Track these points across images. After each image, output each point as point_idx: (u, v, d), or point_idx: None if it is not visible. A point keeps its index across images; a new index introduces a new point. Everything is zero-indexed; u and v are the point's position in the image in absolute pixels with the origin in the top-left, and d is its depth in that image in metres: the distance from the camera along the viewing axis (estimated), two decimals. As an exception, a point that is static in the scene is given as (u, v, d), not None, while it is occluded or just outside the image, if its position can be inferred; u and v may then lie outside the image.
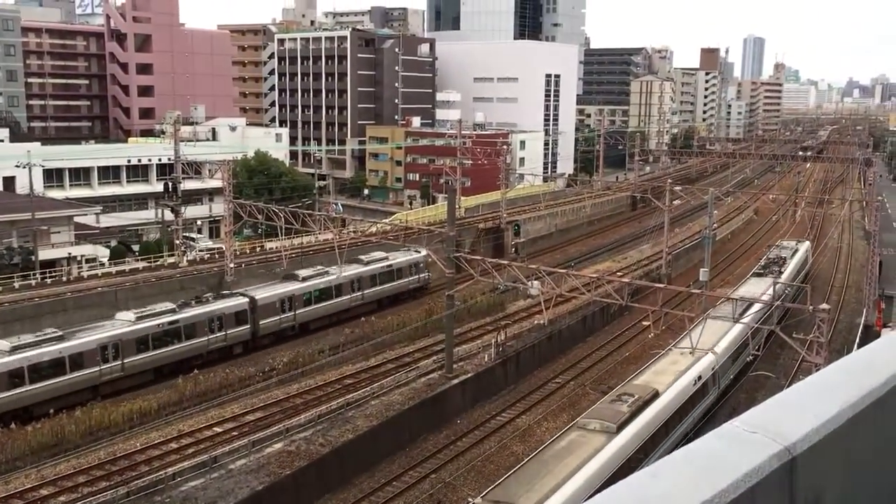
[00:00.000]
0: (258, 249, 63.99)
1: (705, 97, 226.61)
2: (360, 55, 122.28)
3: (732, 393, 37.23)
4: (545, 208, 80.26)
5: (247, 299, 44.42)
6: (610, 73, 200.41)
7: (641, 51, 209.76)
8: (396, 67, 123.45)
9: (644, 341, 46.43)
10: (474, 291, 51.14)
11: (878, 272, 56.69)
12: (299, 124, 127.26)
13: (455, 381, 37.50)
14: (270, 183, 77.68)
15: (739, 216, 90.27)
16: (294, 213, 49.96)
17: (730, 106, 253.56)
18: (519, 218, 75.29)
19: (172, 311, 40.86)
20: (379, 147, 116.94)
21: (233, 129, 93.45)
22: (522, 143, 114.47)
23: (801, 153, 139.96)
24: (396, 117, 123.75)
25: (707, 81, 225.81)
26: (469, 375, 38.41)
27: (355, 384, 37.57)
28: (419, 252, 53.68)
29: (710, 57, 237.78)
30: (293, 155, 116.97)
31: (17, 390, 33.88)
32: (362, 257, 53.32)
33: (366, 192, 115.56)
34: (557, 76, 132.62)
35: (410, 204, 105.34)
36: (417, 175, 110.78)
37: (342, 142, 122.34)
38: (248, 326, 44.16)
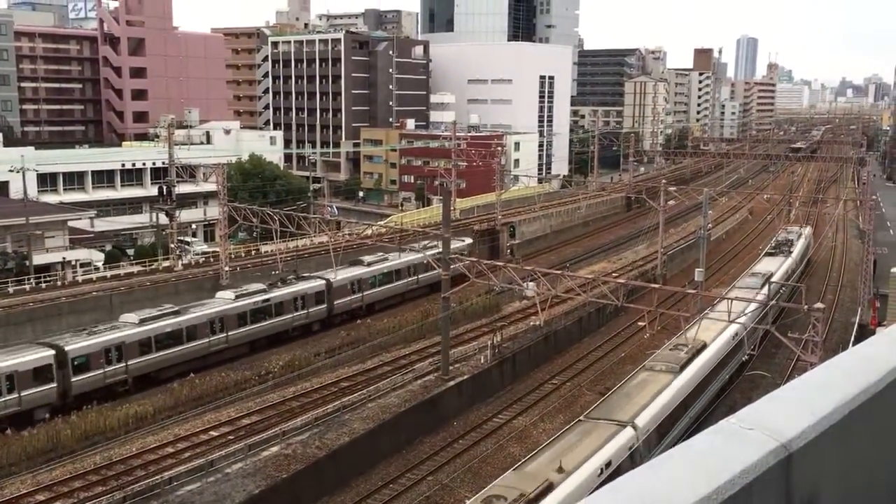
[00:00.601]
0: (253, 253, 63.90)
1: (699, 97, 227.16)
2: (353, 58, 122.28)
3: (729, 391, 37.30)
4: (540, 210, 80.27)
5: (324, 281, 48.69)
6: (604, 74, 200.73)
7: (635, 52, 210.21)
8: (390, 70, 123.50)
9: (640, 341, 46.47)
10: (470, 293, 51.14)
11: (872, 271, 56.85)
12: (293, 127, 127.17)
13: (451, 383, 37.50)
14: (265, 186, 77.61)
15: (734, 216, 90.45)
16: (289, 216, 49.90)
17: (723, 106, 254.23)
18: (514, 219, 75.28)
19: (264, 291, 44.86)
20: (373, 149, 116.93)
21: (227, 132, 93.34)
22: (517, 144, 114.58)
23: (791, 154, 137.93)
24: (391, 119, 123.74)
25: (701, 82, 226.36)
26: (465, 377, 38.41)
27: (352, 387, 37.53)
28: (465, 240, 60.80)
29: (704, 57, 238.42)
30: (287, 158, 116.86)
31: (147, 357, 38.19)
32: (415, 245, 56.43)
33: (360, 194, 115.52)
34: (551, 77, 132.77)
35: (401, 206, 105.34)
36: (412, 177, 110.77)
37: (336, 144, 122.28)
38: (325, 305, 48.45)
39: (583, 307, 49.50)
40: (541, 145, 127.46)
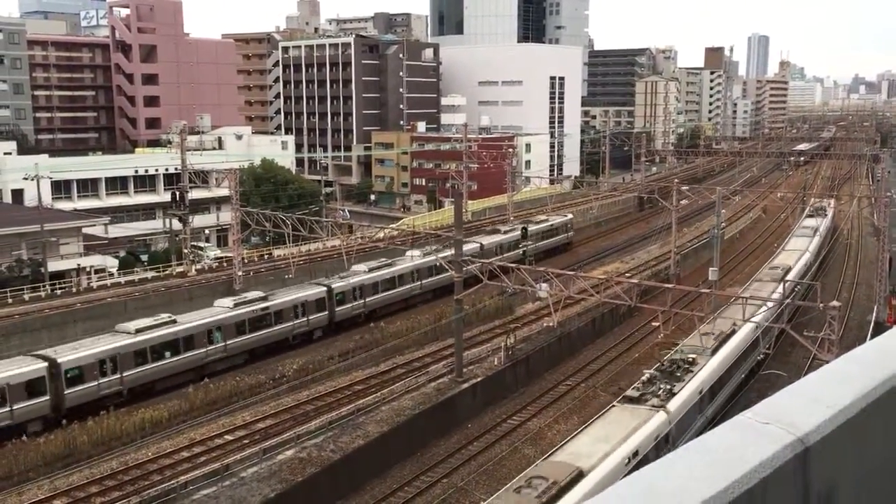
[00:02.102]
0: (266, 257, 64.13)
1: (711, 96, 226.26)
2: (364, 61, 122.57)
3: (743, 392, 37.13)
4: (552, 211, 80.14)
5: (324, 288, 49.71)
6: (614, 74, 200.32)
7: (645, 51, 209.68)
8: (401, 73, 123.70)
9: (654, 342, 46.31)
10: (482, 295, 51.16)
11: (888, 268, 56.41)
12: (305, 131, 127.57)
13: (465, 386, 37.48)
14: (277, 190, 77.85)
15: (747, 215, 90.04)
16: (301, 220, 50.02)
17: (735, 104, 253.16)
18: (526, 221, 75.14)
19: (263, 299, 45.19)
20: (384, 153, 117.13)
21: (239, 137, 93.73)
22: (528, 145, 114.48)
23: (794, 159, 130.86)
24: (401, 122, 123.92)
25: (712, 80, 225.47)
26: (479, 379, 38.40)
27: (365, 390, 37.59)
28: (567, 215, 73.60)
29: (715, 56, 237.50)
30: (299, 162, 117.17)
31: (143, 368, 38.57)
32: (531, 219, 70.47)
33: (372, 197, 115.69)
34: (562, 78, 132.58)
35: (403, 208, 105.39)
36: (423, 180, 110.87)
37: (348, 148, 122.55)
38: (326, 313, 48.71)
39: (596, 308, 49.37)
40: (552, 146, 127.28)
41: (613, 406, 27.58)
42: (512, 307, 51.29)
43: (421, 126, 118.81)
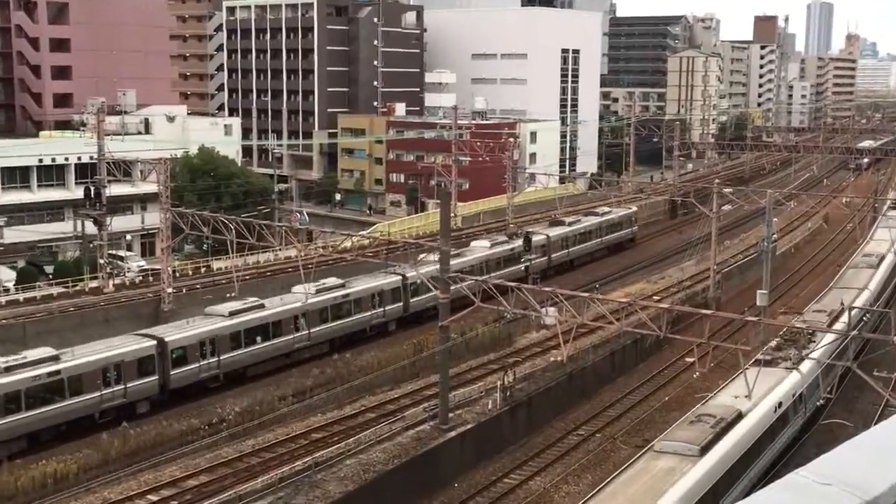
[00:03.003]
0: (203, 270, 63.85)
1: (761, 76, 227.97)
2: (329, 27, 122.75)
3: (798, 446, 37.27)
4: (563, 216, 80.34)
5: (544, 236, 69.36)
6: (642, 47, 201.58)
7: (681, 19, 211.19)
8: (375, 42, 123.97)
9: (688, 382, 46.40)
10: (475, 321, 51.11)
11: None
12: (254, 113, 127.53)
13: (451, 434, 37.40)
14: (218, 187, 77.62)
15: (805, 225, 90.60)
16: (248, 224, 49.92)
17: (791, 87, 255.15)
18: (530, 229, 75.38)
19: (342, 286, 52.98)
20: (354, 141, 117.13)
21: (171, 119, 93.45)
22: (533, 134, 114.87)
23: (852, 166, 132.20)
24: (376, 104, 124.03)
25: (762, 57, 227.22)
26: (469, 427, 38.32)
27: (326, 439, 37.44)
28: (631, 208, 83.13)
29: (766, 27, 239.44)
30: (247, 151, 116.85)
31: (325, 325, 49.78)
32: (597, 210, 79.95)
33: (338, 197, 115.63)
34: (576, 51, 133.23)
35: (369, 209, 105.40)
36: (402, 176, 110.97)
37: (308, 135, 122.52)
38: (546, 257, 68.21)
39: (616, 339, 49.33)
40: (563, 136, 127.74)
41: (747, 368, 35.76)
42: (511, 336, 51.30)
43: (400, 108, 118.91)
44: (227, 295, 53.00)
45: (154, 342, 42.48)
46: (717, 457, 28.53)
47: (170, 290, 54.08)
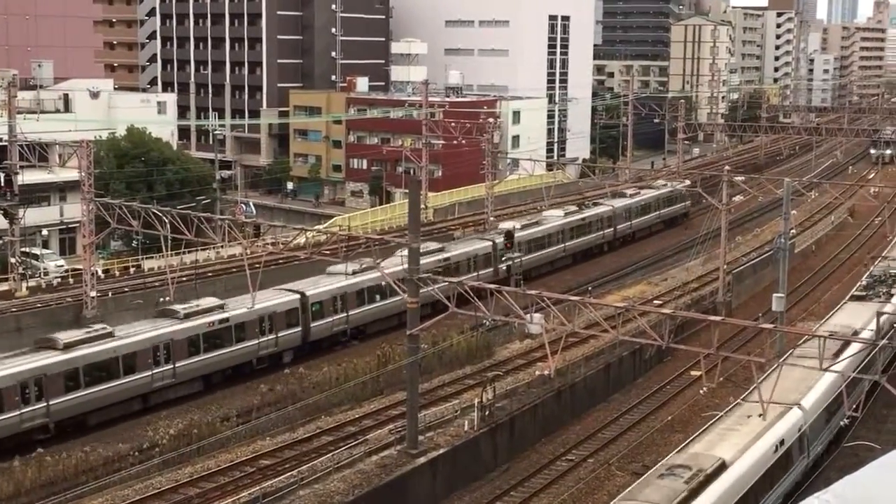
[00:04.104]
0: (133, 270, 63.49)
1: (777, 48, 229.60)
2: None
3: (820, 471, 37.59)
4: (550, 208, 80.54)
5: (609, 207, 79.57)
6: (641, 13, 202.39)
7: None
8: (333, 6, 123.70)
9: (694, 399, 46.61)
10: (449, 329, 51.11)
11: None
12: (192, 88, 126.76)
13: (421, 461, 37.39)
14: (150, 173, 77.20)
15: (828, 218, 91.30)
16: (185, 217, 49.65)
17: (812, 61, 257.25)
18: (513, 223, 75.48)
19: (536, 223, 70.53)
20: (308, 121, 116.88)
21: (94, 94, 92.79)
22: (516, 114, 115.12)
23: (874, 151, 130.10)
24: (334, 78, 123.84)
25: (779, 26, 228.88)
26: (442, 451, 38.31)
27: (276, 466, 37.32)
28: (685, 181, 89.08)
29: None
30: (184, 133, 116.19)
31: (361, 309, 55.33)
32: (653, 185, 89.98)
33: (290, 186, 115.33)
34: (566, 18, 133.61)
35: (316, 199, 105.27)
36: (365, 162, 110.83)
37: (255, 113, 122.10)
38: (612, 229, 79.23)
39: (612, 349, 49.48)
40: (551, 115, 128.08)
41: (846, 303, 48.17)
42: (490, 347, 51.32)
43: (362, 83, 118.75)
44: (161, 299, 52.67)
45: (298, 296, 51.44)
46: None
47: (93, 293, 53.69)
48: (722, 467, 29.30)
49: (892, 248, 64.53)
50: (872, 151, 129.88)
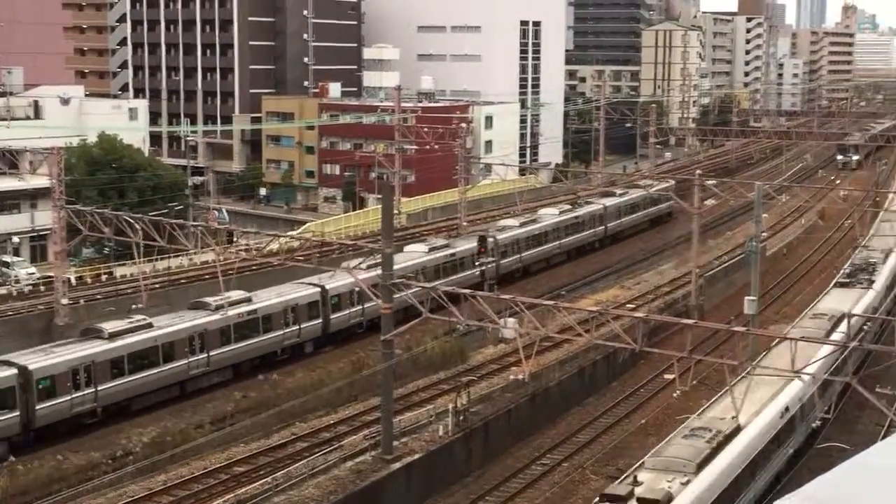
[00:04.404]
0: (105, 278, 63.13)
1: (747, 53, 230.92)
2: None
3: (792, 473, 37.80)
4: (523, 213, 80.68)
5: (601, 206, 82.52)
6: (612, 19, 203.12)
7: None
8: (305, 12, 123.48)
9: (668, 403, 46.78)
10: (423, 335, 51.10)
11: None
12: (164, 95, 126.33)
13: (396, 466, 37.35)
14: (122, 180, 76.81)
15: (798, 221, 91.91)
16: (157, 223, 49.44)
17: (781, 65, 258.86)
18: (486, 227, 75.63)
19: (533, 221, 74.56)
20: (281, 126, 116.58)
21: (65, 101, 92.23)
22: (489, 119, 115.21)
23: (841, 157, 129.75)
24: (306, 83, 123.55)
25: (749, 31, 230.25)
26: (417, 457, 38.29)
27: (250, 473, 37.20)
28: (670, 182, 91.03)
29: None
30: (155, 139, 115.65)
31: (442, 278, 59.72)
32: (639, 183, 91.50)
33: (263, 192, 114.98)
34: (537, 24, 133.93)
35: (286, 204, 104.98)
36: (338, 167, 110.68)
37: (227, 119, 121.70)
38: (603, 226, 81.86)
39: (585, 353, 49.59)
40: (523, 120, 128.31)
41: (831, 289, 52.66)
42: (465, 352, 51.34)
43: (334, 89, 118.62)
44: (133, 306, 52.40)
45: (318, 289, 53.68)
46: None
47: (65, 301, 53.32)
48: (737, 430, 32.86)
49: (871, 238, 67.19)
50: (839, 157, 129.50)
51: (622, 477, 30.57)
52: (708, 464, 30.28)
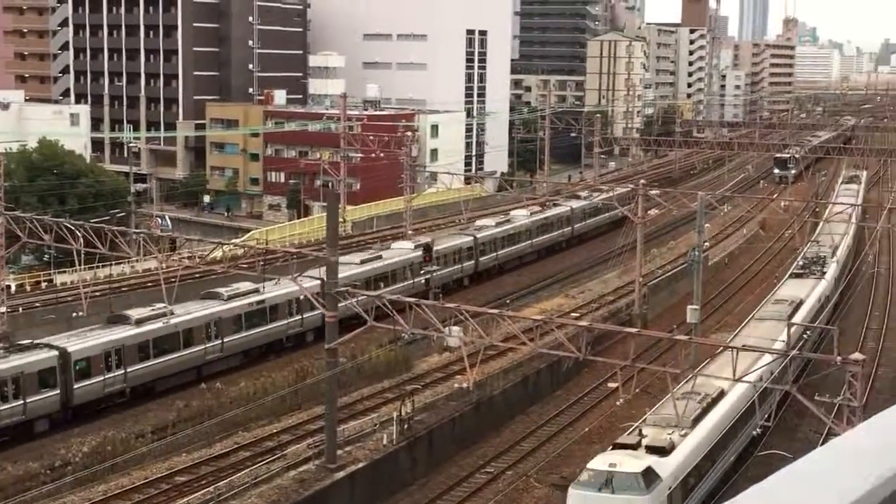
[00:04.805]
0: (45, 285, 62.38)
1: (691, 64, 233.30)
2: (196, 0, 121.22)
3: (730, 483, 38.16)
4: (468, 221, 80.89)
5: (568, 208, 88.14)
6: (557, 29, 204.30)
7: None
8: (250, 18, 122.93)
9: (611, 410, 47.01)
10: (368, 343, 50.99)
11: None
12: (106, 100, 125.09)
13: (340, 475, 37.23)
14: (63, 186, 76.03)
15: (740, 231, 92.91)
16: (98, 230, 48.95)
17: (724, 77, 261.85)
18: (431, 236, 75.67)
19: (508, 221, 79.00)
20: (225, 134, 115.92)
21: (5, 106, 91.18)
22: (434, 127, 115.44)
23: (777, 171, 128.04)
24: (251, 90, 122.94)
25: (692, 42, 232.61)
26: (361, 465, 38.21)
27: (192, 482, 36.88)
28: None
29: (697, 8, 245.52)
30: (97, 145, 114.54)
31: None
32: (601, 189, 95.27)
33: (206, 199, 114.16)
34: (483, 33, 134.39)
35: (227, 211, 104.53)
36: (283, 175, 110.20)
37: (171, 126, 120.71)
38: (570, 227, 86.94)
39: (530, 362, 49.71)
40: (469, 129, 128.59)
41: (787, 279, 58.71)
42: (409, 360, 51.31)
43: (280, 96, 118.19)
44: (75, 314, 51.84)
45: (318, 282, 55.38)
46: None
47: (3, 308, 52.63)
48: (721, 394, 37.75)
49: (819, 234, 72.59)
50: (776, 171, 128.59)
51: (629, 430, 34.94)
52: (701, 420, 34.94)
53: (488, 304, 58.61)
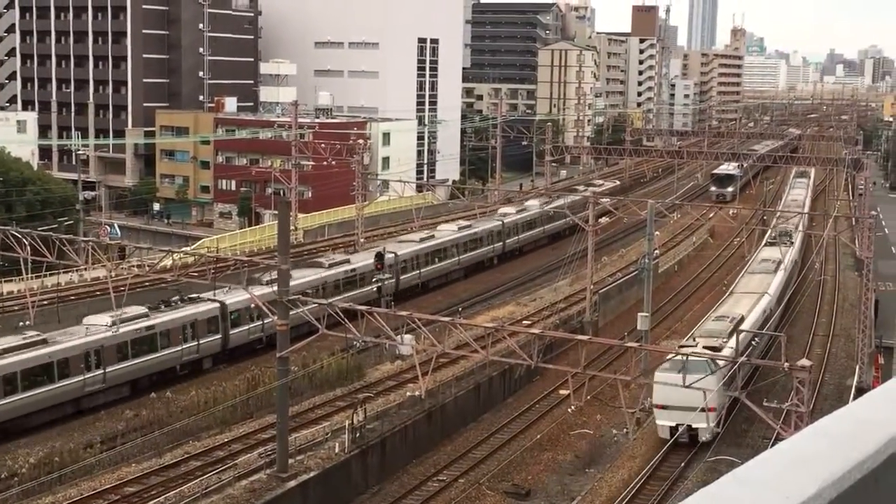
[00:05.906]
0: (-10, 294, 61.59)
1: (640, 73, 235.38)
2: (145, 6, 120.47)
3: (679, 490, 38.45)
4: (420, 229, 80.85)
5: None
6: (509, 37, 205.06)
7: (552, 7, 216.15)
8: (201, 25, 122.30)
9: (563, 418, 47.22)
10: (319, 351, 50.84)
11: (873, 315, 59.86)
12: (54, 107, 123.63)
13: (292, 484, 37.07)
14: (9, 194, 75.20)
15: (689, 239, 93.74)
16: (46, 239, 48.44)
17: (673, 86, 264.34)
18: (383, 244, 75.62)
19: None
20: (175, 141, 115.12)
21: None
22: (386, 135, 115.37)
23: (714, 189, 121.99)
24: (202, 98, 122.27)
25: (642, 52, 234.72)
26: (312, 474, 38.07)
27: (142, 493, 36.57)
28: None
29: (646, 18, 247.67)
30: (45, 152, 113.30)
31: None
32: (552, 197, 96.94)
33: (156, 207, 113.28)
34: (435, 41, 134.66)
35: (167, 218, 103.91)
36: (234, 183, 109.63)
37: (120, 133, 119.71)
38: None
39: (482, 370, 49.83)
40: (420, 137, 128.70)
41: (763, 247, 70.91)
42: (361, 369, 51.24)
43: (231, 104, 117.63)
44: (20, 324, 51.18)
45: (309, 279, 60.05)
46: None
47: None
48: (742, 319, 48.00)
49: (781, 216, 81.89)
50: (713, 189, 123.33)
51: (685, 338, 46.30)
52: (734, 333, 41.08)
53: (440, 311, 58.68)
